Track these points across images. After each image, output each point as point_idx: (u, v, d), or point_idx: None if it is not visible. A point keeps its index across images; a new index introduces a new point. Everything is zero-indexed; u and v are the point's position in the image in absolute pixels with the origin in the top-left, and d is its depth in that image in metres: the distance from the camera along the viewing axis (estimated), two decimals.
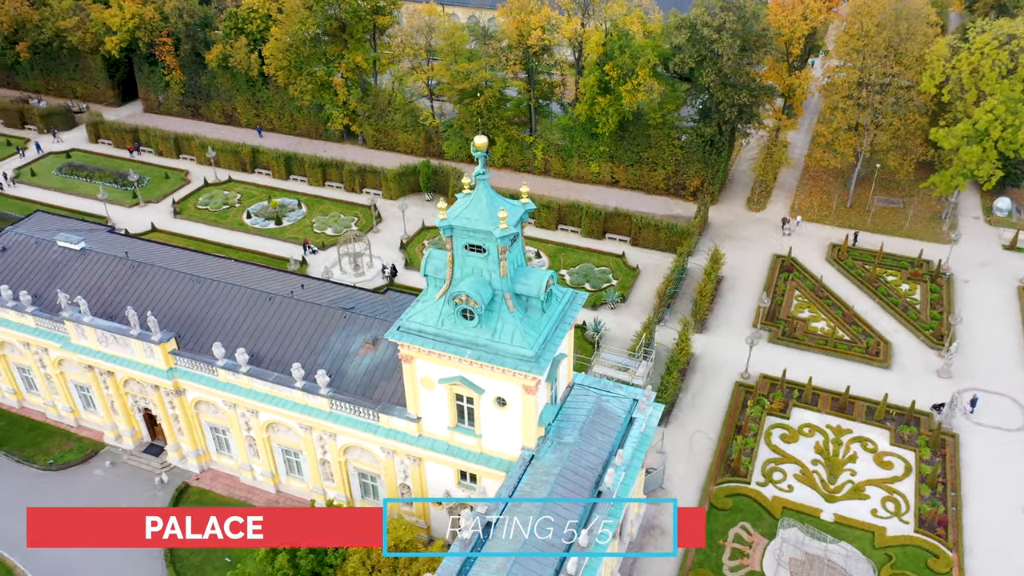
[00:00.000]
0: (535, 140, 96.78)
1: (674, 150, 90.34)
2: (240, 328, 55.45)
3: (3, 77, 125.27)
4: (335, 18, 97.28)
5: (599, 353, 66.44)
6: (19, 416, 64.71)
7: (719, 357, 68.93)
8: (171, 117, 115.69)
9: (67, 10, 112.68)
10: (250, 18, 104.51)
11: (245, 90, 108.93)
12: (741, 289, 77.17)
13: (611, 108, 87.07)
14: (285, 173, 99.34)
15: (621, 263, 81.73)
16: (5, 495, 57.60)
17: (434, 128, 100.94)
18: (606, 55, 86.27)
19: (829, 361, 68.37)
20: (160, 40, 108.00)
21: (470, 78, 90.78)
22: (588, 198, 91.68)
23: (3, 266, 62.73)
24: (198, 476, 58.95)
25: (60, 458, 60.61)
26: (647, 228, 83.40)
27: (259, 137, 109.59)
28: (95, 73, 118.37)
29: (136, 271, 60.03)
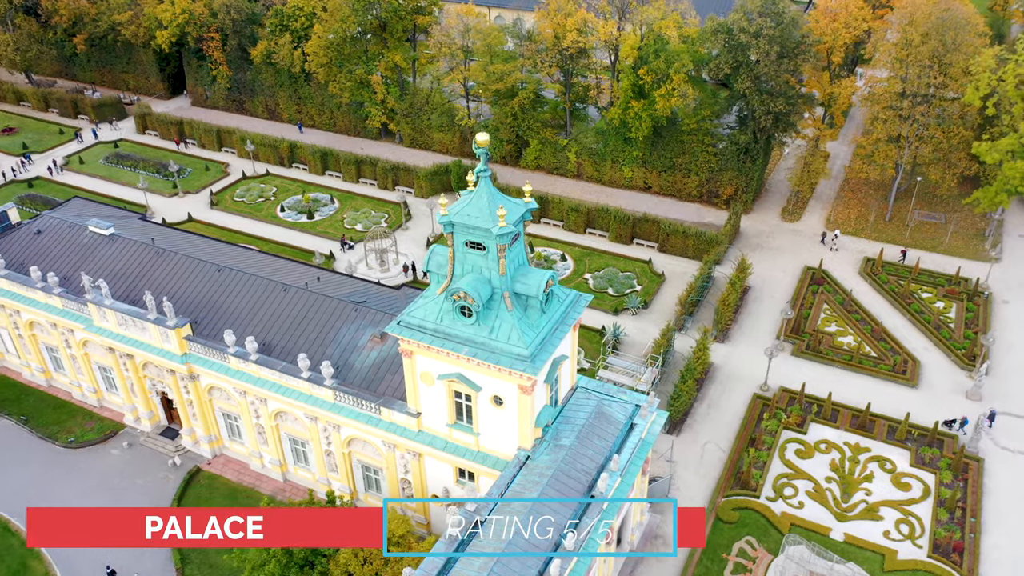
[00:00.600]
0: (568, 143, 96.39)
1: (708, 157, 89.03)
2: (254, 317, 56.32)
3: (62, 68, 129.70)
4: (376, 17, 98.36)
5: (605, 358, 65.72)
6: (47, 394, 66.75)
7: (739, 368, 67.63)
8: (217, 111, 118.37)
9: (122, 4, 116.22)
10: (295, 15, 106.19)
11: (288, 86, 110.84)
12: (768, 300, 75.61)
13: (644, 113, 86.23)
14: (321, 169, 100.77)
15: (647, 269, 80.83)
16: (25, 471, 59.45)
17: (469, 128, 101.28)
18: (641, 59, 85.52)
19: (853, 377, 66.52)
20: (208, 35, 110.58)
21: (504, 79, 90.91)
22: (620, 203, 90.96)
23: (37, 248, 64.87)
24: (210, 461, 60.03)
25: (81, 437, 62.35)
26: (675, 235, 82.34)
27: (300, 133, 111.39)
28: (147, 66, 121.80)
29: (160, 257, 61.46)
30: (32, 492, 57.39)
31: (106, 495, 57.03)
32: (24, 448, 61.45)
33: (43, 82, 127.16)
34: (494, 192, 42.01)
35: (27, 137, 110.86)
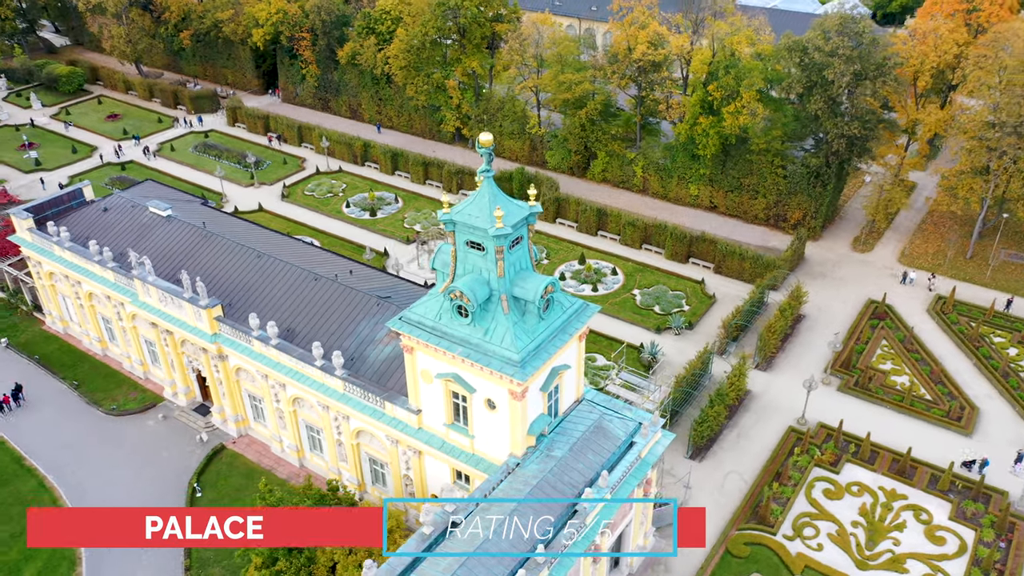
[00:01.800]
0: (636, 157, 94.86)
1: (777, 179, 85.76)
2: (283, 303, 57.80)
3: (170, 62, 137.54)
4: (455, 23, 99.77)
5: (614, 371, 64.16)
6: (100, 363, 70.49)
7: (777, 399, 64.62)
8: (304, 108, 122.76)
9: (225, 3, 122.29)
10: (382, 19, 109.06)
11: (370, 87, 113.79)
12: (821, 331, 71.98)
13: (712, 130, 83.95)
14: (391, 169, 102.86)
15: (699, 289, 78.44)
16: (69, 432, 62.86)
17: (539, 137, 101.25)
18: (711, 75, 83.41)
19: (901, 419, 62.46)
20: (300, 35, 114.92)
21: (573, 89, 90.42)
22: (683, 221, 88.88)
23: (102, 224, 68.74)
24: (234, 440, 61.90)
25: (123, 405, 65.49)
26: (731, 256, 79.64)
27: (378, 133, 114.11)
28: (244, 63, 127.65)
29: (208, 240, 64.02)
30: (69, 454, 60.65)
31: (134, 463, 59.69)
32: (71, 411, 65.01)
33: (151, 73, 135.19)
34: (496, 193, 41.61)
35: (128, 124, 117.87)
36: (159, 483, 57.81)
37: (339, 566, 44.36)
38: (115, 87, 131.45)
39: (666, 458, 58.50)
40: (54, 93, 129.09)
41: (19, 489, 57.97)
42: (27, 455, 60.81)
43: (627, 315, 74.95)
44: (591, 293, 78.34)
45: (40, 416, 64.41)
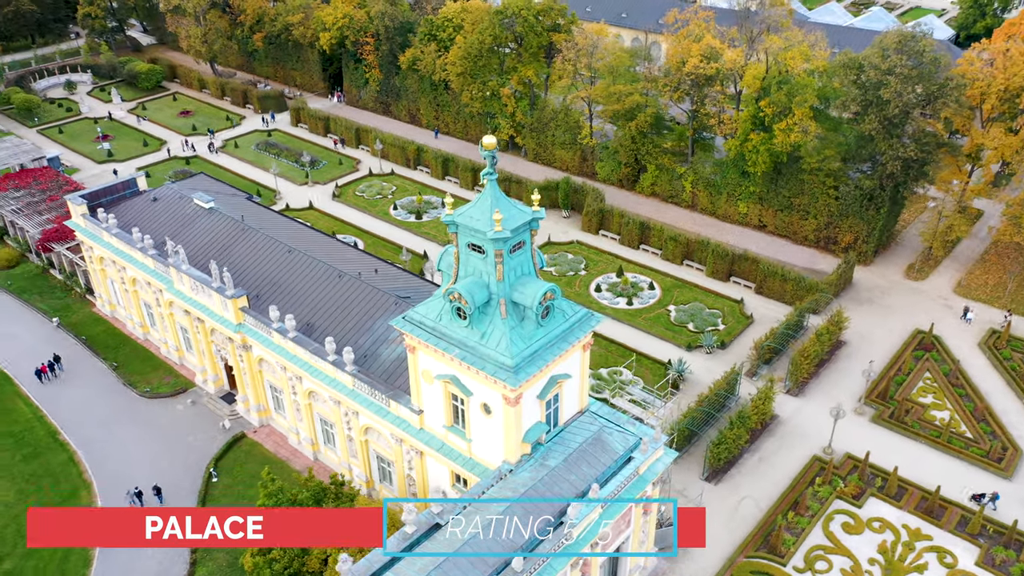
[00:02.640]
0: (685, 172, 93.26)
1: (828, 200, 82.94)
2: (306, 298, 58.88)
3: (244, 62, 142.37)
4: (512, 31, 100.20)
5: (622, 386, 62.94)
6: (141, 347, 73.15)
7: (805, 426, 62.34)
8: (366, 112, 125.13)
9: (296, 7, 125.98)
10: (444, 26, 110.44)
11: (428, 93, 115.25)
12: (861, 358, 69.07)
13: (763, 147, 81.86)
14: (441, 173, 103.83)
15: (737, 309, 76.45)
16: (103, 411, 65.40)
17: (590, 148, 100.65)
18: (764, 90, 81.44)
19: (936, 456, 59.44)
20: (364, 40, 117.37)
21: (623, 100, 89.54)
22: (730, 239, 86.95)
23: (150, 213, 71.48)
24: (256, 429, 63.26)
25: (156, 388, 67.76)
26: (773, 277, 77.36)
27: (435, 138, 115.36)
28: (312, 65, 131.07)
29: (244, 234, 65.83)
30: (100, 432, 63.07)
31: (159, 444, 61.67)
32: (107, 391, 67.65)
33: (225, 73, 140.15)
34: (499, 196, 41.46)
35: (198, 120, 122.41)
36: (179, 465, 59.56)
37: (330, 559, 44.73)
38: (190, 85, 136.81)
39: (680, 478, 57.27)
40: (134, 89, 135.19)
41: (50, 462, 60.58)
42: (62, 430, 63.52)
43: (659, 331, 73.60)
44: (625, 306, 77.27)
45: (78, 393, 67.20)
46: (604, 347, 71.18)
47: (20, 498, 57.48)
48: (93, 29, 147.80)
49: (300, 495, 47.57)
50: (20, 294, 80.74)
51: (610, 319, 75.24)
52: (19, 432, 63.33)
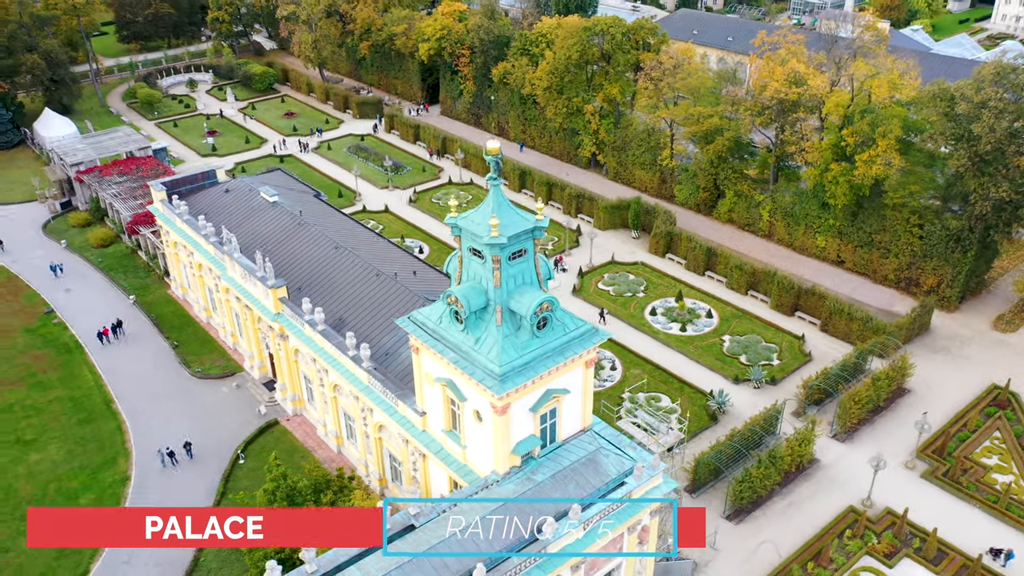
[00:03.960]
0: (764, 200, 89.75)
1: (912, 239, 77.75)
2: (343, 294, 60.22)
3: (352, 69, 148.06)
4: (600, 48, 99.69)
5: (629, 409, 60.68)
6: (202, 329, 76.76)
7: (846, 473, 58.37)
8: (458, 122, 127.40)
9: (401, 18, 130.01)
10: (537, 41, 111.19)
11: (517, 106, 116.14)
12: (923, 409, 64.07)
13: (843, 178, 77.75)
14: (518, 186, 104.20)
15: (796, 345, 72.68)
16: (156, 386, 68.94)
17: (670, 170, 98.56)
18: (847, 119, 77.46)
19: (988, 522, 54.34)
20: (460, 52, 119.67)
21: (702, 122, 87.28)
22: (805, 273, 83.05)
23: (220, 203, 75.15)
24: (289, 418, 65.04)
25: (207, 369, 70.89)
26: (839, 315, 73.10)
27: (520, 151, 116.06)
28: (412, 75, 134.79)
29: (299, 228, 68.16)
30: (149, 406, 66.46)
31: (198, 422, 64.36)
32: (164, 368, 71.30)
33: (332, 79, 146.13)
34: (502, 202, 41.11)
35: (299, 122, 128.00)
36: (212, 444, 61.92)
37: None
38: (299, 89, 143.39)
39: None
40: (248, 90, 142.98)
41: (100, 428, 64.33)
42: (116, 399, 67.41)
43: (708, 360, 70.88)
44: (677, 332, 74.90)
45: (138, 367, 71.12)
46: (648, 372, 69.27)
47: (68, 458, 61.32)
48: (220, 33, 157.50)
49: (300, 483, 48.44)
50: (108, 271, 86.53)
51: (659, 344, 73.34)
52: (79, 397, 67.64)
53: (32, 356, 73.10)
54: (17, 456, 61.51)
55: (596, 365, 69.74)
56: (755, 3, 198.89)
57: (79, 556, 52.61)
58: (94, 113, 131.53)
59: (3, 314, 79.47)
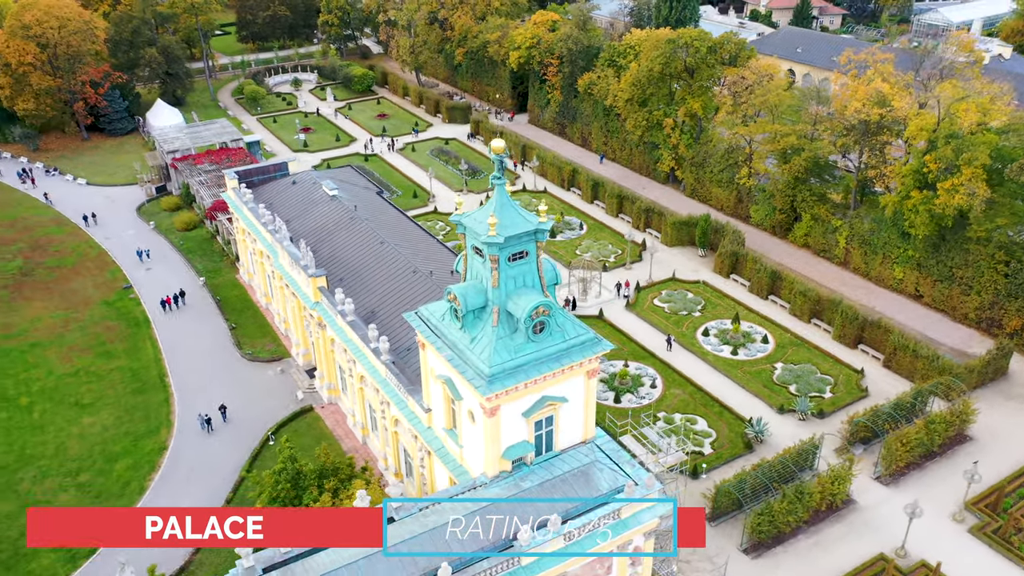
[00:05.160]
0: (841, 226, 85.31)
1: (996, 276, 72.08)
2: (379, 287, 61.22)
3: (449, 75, 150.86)
4: (684, 61, 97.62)
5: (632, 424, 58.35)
6: (261, 314, 79.70)
7: (884, 519, 54.51)
8: (544, 131, 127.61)
9: (496, 26, 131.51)
10: (625, 53, 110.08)
11: (601, 118, 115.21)
12: (985, 459, 59.08)
13: (923, 207, 73.00)
14: (591, 197, 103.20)
15: (853, 379, 68.57)
16: (208, 364, 71.98)
17: (746, 189, 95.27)
18: (932, 143, 72.71)
19: None
20: (549, 61, 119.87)
21: (778, 141, 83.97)
22: (879, 305, 78.61)
23: (286, 194, 78.00)
24: (323, 405, 66.51)
25: (256, 353, 73.47)
26: (904, 351, 68.51)
27: (599, 163, 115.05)
28: (503, 83, 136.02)
29: (351, 222, 69.87)
30: (198, 382, 69.43)
31: (239, 402, 66.65)
32: (218, 347, 74.40)
33: (428, 83, 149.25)
34: (505, 202, 40.66)
35: (389, 123, 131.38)
36: (247, 425, 64.02)
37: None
38: (396, 92, 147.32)
39: (715, 543, 52.60)
40: (348, 90, 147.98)
41: (150, 399, 67.69)
42: (170, 373, 70.79)
43: (754, 386, 67.86)
44: (729, 355, 72.08)
45: (195, 344, 74.52)
46: (689, 393, 67.04)
47: (116, 424, 64.85)
48: (329, 35, 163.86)
49: (307, 467, 49.38)
50: (187, 253, 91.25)
51: (707, 365, 70.86)
52: (138, 368, 71.46)
53: (104, 327, 77.83)
54: (73, 417, 65.50)
55: (635, 380, 68.32)
56: (875, 24, 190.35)
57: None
58: (203, 106, 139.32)
59: (87, 286, 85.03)
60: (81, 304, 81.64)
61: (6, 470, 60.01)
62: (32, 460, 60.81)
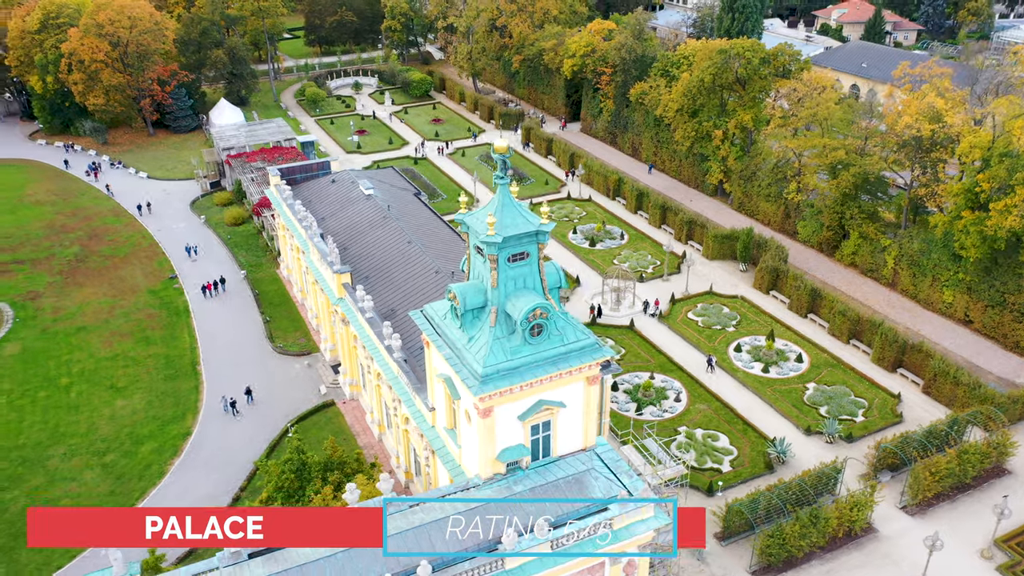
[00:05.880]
0: (890, 245, 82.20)
1: None
2: (402, 286, 61.61)
3: (506, 82, 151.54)
4: (735, 72, 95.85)
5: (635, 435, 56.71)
6: (296, 309, 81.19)
7: (907, 550, 52.01)
8: (595, 140, 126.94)
9: (553, 34, 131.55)
10: (678, 63, 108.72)
11: (651, 128, 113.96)
12: (1021, 495, 56.01)
13: (974, 228, 69.84)
14: (635, 207, 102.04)
15: (889, 404, 65.86)
16: (239, 355, 73.51)
17: (794, 204, 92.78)
18: (986, 162, 69.55)
19: None
20: (602, 69, 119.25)
21: (826, 155, 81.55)
22: (925, 329, 75.57)
23: (325, 192, 79.37)
24: (345, 401, 67.19)
25: (287, 347, 74.78)
26: (944, 377, 65.47)
27: (648, 173, 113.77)
28: (558, 91, 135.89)
29: (383, 221, 70.60)
30: (227, 371, 70.94)
31: (264, 394, 67.87)
32: (251, 340, 75.99)
33: (485, 90, 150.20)
34: (507, 202, 40.32)
35: (443, 128, 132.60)
36: (269, 416, 65.11)
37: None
38: (452, 97, 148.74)
39: (723, 562, 51.17)
40: (406, 95, 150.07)
41: (181, 386, 69.51)
42: (203, 361, 72.63)
43: (783, 406, 65.79)
44: (759, 373, 70.11)
45: (229, 336, 76.32)
46: (714, 408, 65.43)
47: (146, 408, 66.77)
48: (392, 41, 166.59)
49: (312, 459, 49.90)
50: (232, 247, 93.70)
51: (735, 382, 69.09)
52: (173, 356, 73.54)
53: (146, 314, 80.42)
54: (107, 399, 67.75)
55: (659, 393, 67.07)
56: (952, 41, 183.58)
57: (128, 496, 57.13)
58: (265, 106, 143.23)
59: (136, 274, 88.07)
60: (128, 291, 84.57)
61: (39, 446, 62.39)
62: (64, 438, 63.10)
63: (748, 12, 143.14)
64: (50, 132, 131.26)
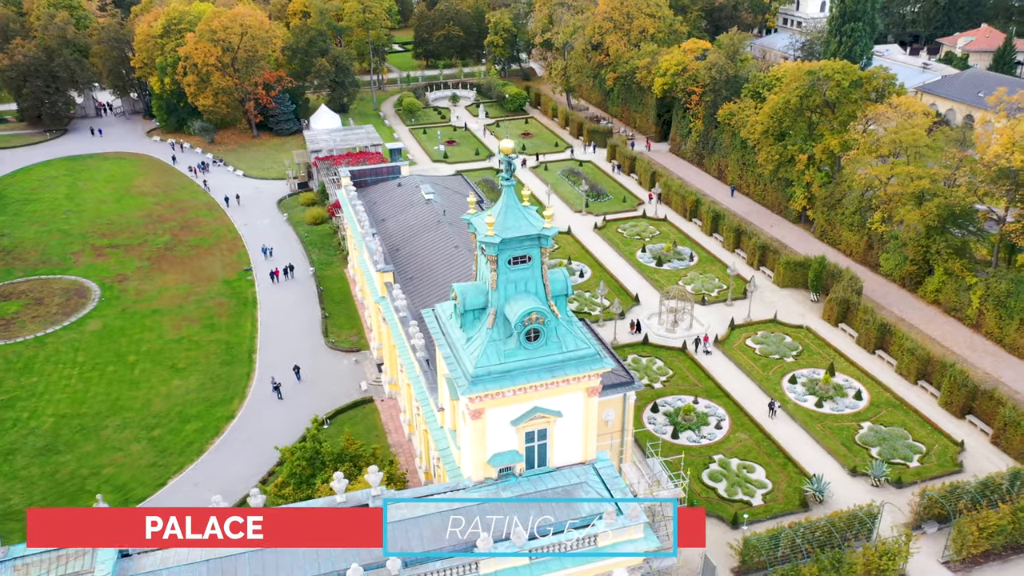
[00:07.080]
0: (976, 284, 76.53)
1: None
2: (442, 288, 62.02)
3: (600, 99, 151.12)
4: (823, 95, 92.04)
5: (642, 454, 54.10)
6: (355, 307, 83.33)
7: None
8: (683, 160, 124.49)
9: (647, 52, 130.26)
10: (770, 84, 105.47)
11: (738, 150, 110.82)
12: None
13: None
14: (710, 229, 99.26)
15: (950, 451, 61.11)
16: (294, 346, 75.95)
17: (878, 235, 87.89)
18: None
19: None
20: (692, 89, 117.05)
21: (909, 184, 76.91)
22: (1008, 376, 70.11)
23: (390, 195, 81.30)
24: (383, 398, 68.25)
25: (339, 342, 76.77)
26: (1014, 427, 60.19)
27: (731, 196, 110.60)
28: (648, 110, 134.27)
29: (436, 225, 71.62)
30: (281, 361, 73.31)
31: (309, 385, 69.99)
32: (308, 335, 78.33)
33: (578, 107, 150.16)
34: (511, 205, 40.05)
35: (532, 142, 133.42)
36: (308, 406, 66.60)
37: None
38: (545, 113, 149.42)
39: None
40: (501, 109, 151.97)
41: (235, 372, 72.49)
42: (259, 349, 75.59)
43: (831, 443, 62.15)
44: (811, 407, 66.56)
45: (288, 328, 79.08)
46: (756, 439, 62.57)
47: (198, 389, 69.97)
48: (494, 56, 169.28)
49: (325, 449, 50.88)
50: (308, 245, 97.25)
51: (783, 414, 65.85)
52: (233, 343, 76.82)
53: (218, 302, 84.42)
54: (165, 378, 71.45)
55: (700, 418, 64.80)
56: None
57: (167, 468, 59.91)
58: (365, 114, 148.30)
59: (215, 264, 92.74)
60: (205, 280, 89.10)
61: (98, 416, 66.41)
62: (120, 411, 66.92)
63: (857, 36, 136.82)
64: (165, 130, 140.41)
